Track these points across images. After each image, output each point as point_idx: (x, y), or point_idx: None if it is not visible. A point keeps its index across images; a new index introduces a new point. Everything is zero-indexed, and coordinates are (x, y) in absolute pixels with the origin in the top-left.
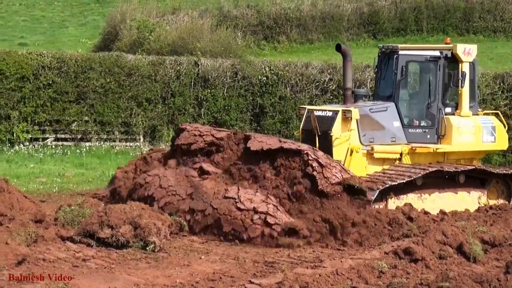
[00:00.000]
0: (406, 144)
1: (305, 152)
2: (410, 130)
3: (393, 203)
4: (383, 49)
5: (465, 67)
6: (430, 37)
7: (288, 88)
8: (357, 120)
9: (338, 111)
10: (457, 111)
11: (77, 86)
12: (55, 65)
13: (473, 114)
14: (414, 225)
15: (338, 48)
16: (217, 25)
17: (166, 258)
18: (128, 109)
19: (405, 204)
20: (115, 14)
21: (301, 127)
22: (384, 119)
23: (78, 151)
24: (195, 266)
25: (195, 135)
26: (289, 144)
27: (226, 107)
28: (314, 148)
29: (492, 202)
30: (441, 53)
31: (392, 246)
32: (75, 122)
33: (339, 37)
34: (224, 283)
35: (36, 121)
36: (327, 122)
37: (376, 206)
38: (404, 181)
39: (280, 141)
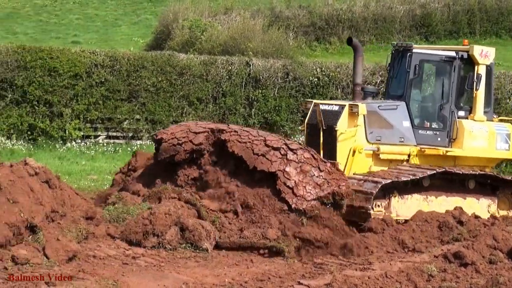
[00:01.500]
0: (415, 145)
1: (276, 173)
2: (420, 131)
3: (397, 202)
4: (397, 47)
5: (481, 70)
6: (483, 40)
7: (339, 90)
8: (364, 116)
9: (345, 105)
10: (471, 115)
11: (129, 84)
12: (107, 63)
13: (487, 120)
14: (464, 229)
15: (350, 41)
16: (269, 25)
17: (215, 257)
18: (179, 108)
19: (456, 208)
20: (168, 13)
21: (306, 121)
22: (393, 118)
23: (129, 149)
24: (244, 266)
25: (174, 145)
26: (261, 162)
27: (277, 108)
28: (291, 150)
29: (502, 212)
30: (456, 53)
31: (442, 249)
32: (127, 120)
33: (391, 39)
34: (273, 283)
35: (88, 119)
36: (333, 116)
37: (378, 203)
38: (409, 179)
39: (254, 154)
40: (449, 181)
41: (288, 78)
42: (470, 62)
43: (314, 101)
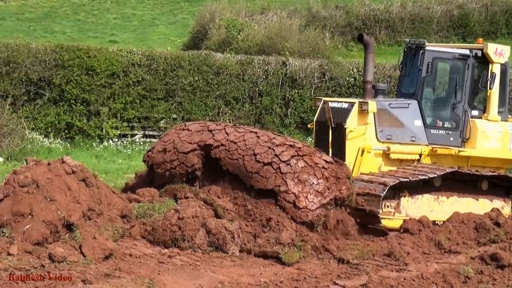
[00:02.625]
0: (426, 145)
1: (273, 190)
2: (432, 130)
3: (407, 201)
4: (409, 45)
5: (495, 68)
6: None
7: None
8: (374, 114)
9: (355, 103)
10: (485, 114)
11: (166, 83)
12: (144, 63)
13: (502, 120)
14: (501, 231)
15: (360, 38)
16: (305, 25)
17: (251, 257)
18: (215, 108)
19: (493, 209)
20: (205, 13)
21: (315, 119)
22: (405, 116)
23: None
24: (280, 266)
25: (168, 170)
26: (257, 180)
27: (313, 108)
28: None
29: None
30: (470, 51)
31: (479, 251)
32: (163, 119)
33: (428, 39)
34: (309, 283)
35: (125, 118)
36: (342, 114)
37: (388, 203)
38: (418, 179)
39: (247, 172)
40: (461, 181)
41: (325, 78)
42: (484, 60)
43: (324, 98)
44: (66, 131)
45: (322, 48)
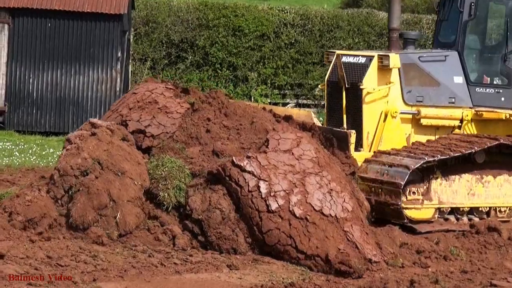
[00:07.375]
0: (470, 108)
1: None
2: (477, 89)
3: (439, 185)
4: None
5: None
6: None
7: None
8: (399, 69)
9: (373, 56)
10: None
11: (322, 46)
12: (298, 23)
13: None
14: None
15: None
16: None
17: None
18: None
19: None
20: None
21: (326, 78)
22: (441, 72)
23: (321, 118)
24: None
25: None
26: None
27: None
28: None
29: None
30: None
31: None
32: (319, 87)
33: None
34: (483, 275)
35: (276, 84)
36: (358, 70)
37: (413, 189)
38: (450, 156)
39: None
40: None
41: None
42: None
43: (337, 51)
44: None
45: None
